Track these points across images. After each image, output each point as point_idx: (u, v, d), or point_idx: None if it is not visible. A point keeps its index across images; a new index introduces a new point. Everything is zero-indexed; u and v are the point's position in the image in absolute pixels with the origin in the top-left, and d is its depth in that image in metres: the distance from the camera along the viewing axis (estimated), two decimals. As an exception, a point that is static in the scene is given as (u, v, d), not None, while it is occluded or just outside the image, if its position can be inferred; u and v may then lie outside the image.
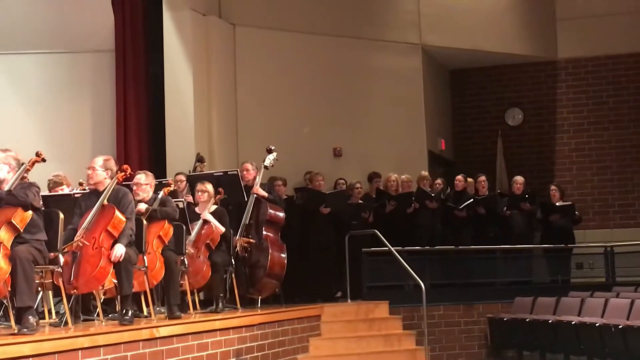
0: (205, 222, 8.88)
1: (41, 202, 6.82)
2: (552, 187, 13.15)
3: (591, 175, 15.42)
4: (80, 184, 8.64)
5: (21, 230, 6.55)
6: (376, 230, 10.84)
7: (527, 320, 11.12)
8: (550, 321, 10.71)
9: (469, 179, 12.71)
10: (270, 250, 9.70)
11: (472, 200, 12.32)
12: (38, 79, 11.74)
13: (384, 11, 14.28)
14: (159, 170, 10.33)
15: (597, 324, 9.94)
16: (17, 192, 6.54)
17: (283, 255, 9.84)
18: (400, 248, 10.68)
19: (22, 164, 6.85)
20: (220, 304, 8.93)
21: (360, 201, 11.89)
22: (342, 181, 12.12)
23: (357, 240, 11.12)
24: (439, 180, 12.74)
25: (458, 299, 11.63)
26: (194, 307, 8.71)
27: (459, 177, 12.80)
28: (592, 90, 15.64)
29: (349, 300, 10.86)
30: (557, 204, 12.83)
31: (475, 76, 16.19)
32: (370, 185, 12.54)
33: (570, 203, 13.12)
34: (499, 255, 12.47)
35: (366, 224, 11.42)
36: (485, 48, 15.17)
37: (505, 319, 11.48)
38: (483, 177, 12.74)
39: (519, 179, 12.91)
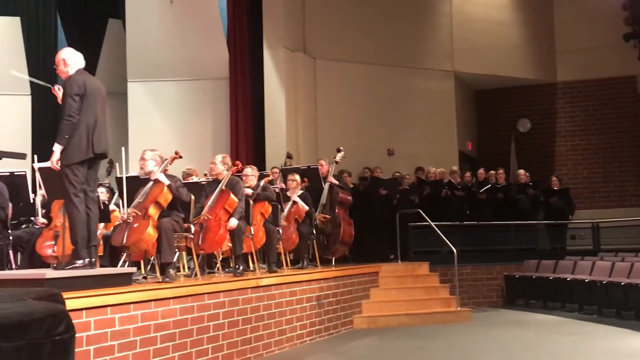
0: (294, 202, 9.00)
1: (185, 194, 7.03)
2: (553, 177, 13.28)
3: (582, 169, 15.38)
4: (205, 175, 8.79)
5: (164, 207, 6.77)
6: (420, 210, 10.91)
7: (533, 277, 11.16)
8: (550, 278, 10.73)
9: (490, 172, 12.76)
10: (341, 224, 9.81)
11: (489, 186, 12.41)
12: (174, 100, 11.90)
13: (425, 46, 14.28)
14: (260, 165, 10.46)
15: (586, 280, 9.97)
16: (182, 191, 6.79)
17: (351, 228, 9.95)
18: (438, 223, 10.67)
19: (165, 159, 7.07)
20: (305, 262, 9.07)
21: (407, 187, 11.99)
22: (398, 173, 12.17)
23: (405, 217, 11.15)
24: (468, 174, 12.75)
25: (481, 261, 11.65)
26: (286, 265, 8.87)
27: (481, 170, 12.96)
28: (583, 105, 15.59)
29: (399, 261, 10.89)
30: (555, 189, 12.88)
31: (494, 94, 16.11)
32: (415, 176, 12.58)
33: (566, 188, 13.24)
34: (511, 229, 12.41)
35: (412, 205, 11.47)
36: (502, 73, 15.10)
37: (516, 276, 11.50)
38: (501, 170, 12.79)
39: (521, 171, 13.06)
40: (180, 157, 7.21)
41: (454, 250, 10.13)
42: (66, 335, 2.27)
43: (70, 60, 5.87)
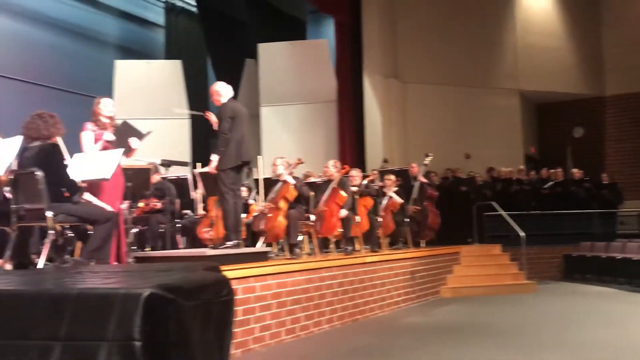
0: (390, 197, 8.96)
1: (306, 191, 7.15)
2: (604, 174, 12.68)
3: (628, 167, 14.47)
4: (320, 176, 8.90)
5: (291, 201, 6.90)
6: (493, 202, 10.68)
7: (588, 256, 10.68)
8: (603, 257, 10.25)
9: (551, 170, 12.31)
10: (429, 214, 9.71)
11: (552, 182, 11.93)
12: (295, 119, 12.07)
13: (494, 69, 13.89)
14: (362, 167, 10.48)
15: (634, 258, 9.41)
16: (304, 189, 6.94)
17: (437, 217, 9.82)
18: (508, 212, 10.41)
19: (291, 165, 7.20)
20: (401, 244, 9.04)
21: (482, 184, 11.72)
22: (473, 173, 11.93)
23: (481, 208, 10.91)
24: (532, 172, 12.40)
25: (544, 243, 11.18)
26: (385, 247, 8.87)
27: (544, 169, 12.44)
28: (629, 115, 14.70)
29: (476, 244, 10.70)
30: (605, 183, 12.31)
31: (553, 107, 15.42)
32: (488, 175, 12.28)
33: (615, 182, 12.61)
34: (569, 216, 11.90)
35: (486, 198, 11.21)
36: (559, 89, 14.48)
37: (574, 255, 11.04)
38: (560, 169, 12.32)
39: (575, 170, 12.56)
40: (302, 162, 7.32)
41: (522, 234, 9.86)
42: (229, 297, 2.37)
43: (222, 91, 6.10)
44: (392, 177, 9.17)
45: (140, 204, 7.09)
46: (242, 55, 12.88)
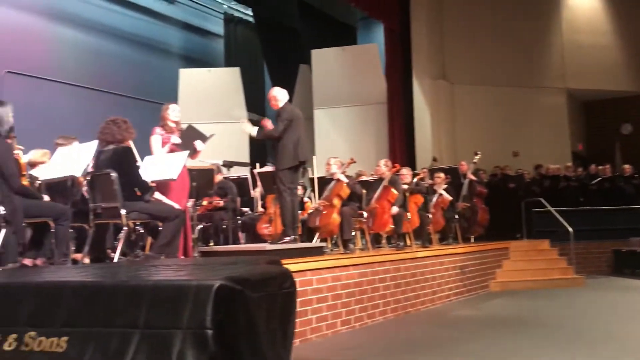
0: (440, 194, 8.84)
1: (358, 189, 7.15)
2: (653, 170, 12.15)
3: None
4: (371, 175, 8.87)
5: (344, 199, 6.89)
6: (541, 198, 10.39)
7: (637, 251, 10.24)
8: (652, 251, 9.84)
9: (599, 167, 11.88)
10: (478, 211, 9.53)
11: (600, 179, 11.52)
12: (347, 120, 12.04)
13: (542, 68, 13.53)
14: (412, 166, 10.38)
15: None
16: (356, 187, 6.94)
17: (486, 213, 9.63)
18: (556, 208, 10.11)
19: (344, 164, 7.20)
20: (451, 240, 8.90)
21: (530, 180, 11.42)
22: (521, 170, 11.65)
23: (529, 204, 10.63)
24: (580, 169, 11.99)
25: (592, 238, 10.78)
26: (436, 242, 8.77)
27: (592, 165, 12.02)
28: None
29: (525, 239, 10.44)
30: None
31: (600, 104, 14.90)
32: (536, 172, 11.96)
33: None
34: (618, 212, 11.45)
35: (534, 194, 10.92)
36: (606, 87, 13.93)
37: (623, 250, 10.60)
38: (608, 165, 11.87)
39: (627, 166, 11.99)
40: (354, 162, 7.31)
41: (570, 230, 9.56)
42: (291, 289, 2.39)
43: (279, 96, 6.17)
44: (442, 174, 9.04)
45: (204, 202, 7.24)
46: (296, 61, 12.97)
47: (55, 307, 1.96)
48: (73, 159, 4.79)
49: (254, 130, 6.10)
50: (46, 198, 4.78)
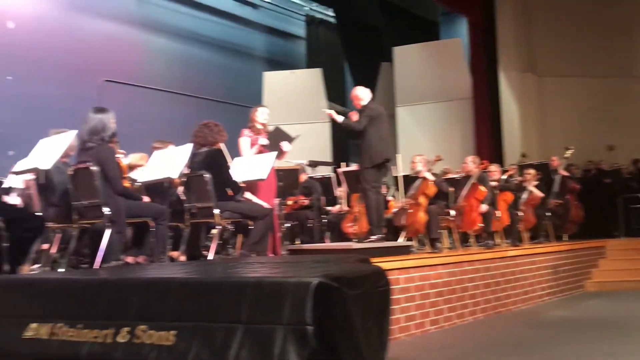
0: (530, 192, 8.55)
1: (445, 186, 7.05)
2: None
3: None
4: (457, 172, 8.70)
5: (431, 197, 6.80)
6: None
7: None
8: None
9: None
10: (571, 207, 9.12)
11: None
12: (430, 116, 11.89)
13: (634, 55, 12.74)
14: (500, 163, 10.09)
15: None
16: (443, 185, 6.86)
17: (579, 210, 9.19)
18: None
19: (429, 162, 7.12)
20: (542, 238, 8.58)
21: (628, 176, 10.80)
22: (617, 165, 11.03)
23: (627, 200, 10.04)
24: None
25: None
26: (527, 241, 8.48)
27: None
28: None
29: (622, 237, 9.88)
30: None
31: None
32: (634, 167, 11.27)
33: None
34: None
35: (632, 190, 10.31)
36: None
37: None
38: None
39: None
40: (441, 159, 7.22)
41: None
42: (386, 287, 2.40)
43: (362, 94, 6.18)
44: (532, 171, 8.73)
45: (289, 202, 7.37)
46: (378, 60, 12.93)
47: (163, 302, 2.07)
48: (169, 162, 5.02)
49: (339, 117, 6.12)
50: (146, 199, 5.04)
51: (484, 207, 7.16)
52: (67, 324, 2.15)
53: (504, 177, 8.10)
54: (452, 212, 7.01)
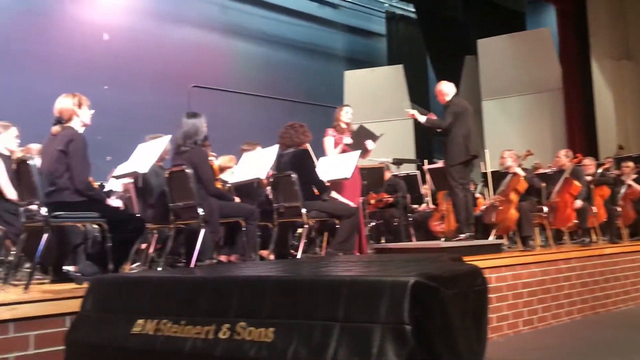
0: (629, 185, 8.08)
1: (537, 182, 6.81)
2: None
3: None
4: (549, 166, 8.36)
5: (522, 193, 6.58)
6: None
7: None
8: None
9: None
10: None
11: None
12: (518, 110, 11.52)
13: None
14: (594, 156, 9.60)
15: None
16: (534, 180, 6.63)
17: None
18: None
19: (519, 157, 6.88)
20: (643, 235, 8.10)
21: None
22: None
23: None
24: None
25: None
26: (626, 237, 8.00)
27: None
28: None
29: None
30: None
31: None
32: None
33: None
34: None
35: None
36: None
37: None
38: None
39: None
40: (532, 154, 6.97)
41: None
42: (483, 287, 2.35)
43: (446, 89, 6.07)
44: (631, 163, 8.24)
45: (372, 201, 7.35)
46: (461, 53, 12.67)
47: (261, 299, 2.13)
48: (257, 163, 5.15)
49: (422, 117, 6.05)
50: (236, 200, 5.20)
51: (578, 203, 6.84)
52: (171, 321, 2.25)
53: (600, 170, 7.70)
54: (545, 209, 6.74)
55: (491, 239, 6.49)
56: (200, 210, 4.36)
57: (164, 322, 2.27)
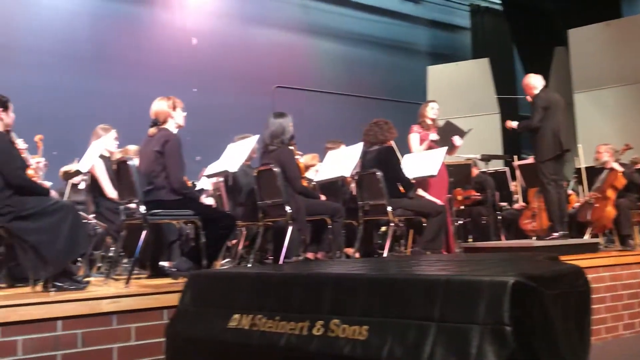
0: None
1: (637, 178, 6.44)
2: None
3: None
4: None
5: (619, 190, 6.25)
6: None
7: None
8: None
9: None
10: None
11: None
12: (614, 102, 10.87)
13: None
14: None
15: None
16: (634, 176, 6.30)
17: None
18: None
19: (616, 151, 6.53)
20: None
21: None
22: None
23: None
24: None
25: None
26: None
27: None
28: None
29: None
30: None
31: None
32: None
33: None
34: None
35: None
36: None
37: None
38: None
39: None
40: (631, 148, 6.58)
41: None
42: (585, 288, 2.25)
43: (534, 82, 5.88)
44: None
45: (458, 197, 7.19)
46: (550, 44, 12.13)
47: (354, 297, 2.13)
48: (342, 161, 5.17)
49: (514, 122, 5.90)
50: (322, 198, 5.25)
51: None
52: (265, 316, 2.31)
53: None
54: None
55: (586, 238, 6.19)
56: (288, 208, 4.43)
57: (259, 317, 2.32)
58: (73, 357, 3.15)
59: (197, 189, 5.84)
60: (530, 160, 6.68)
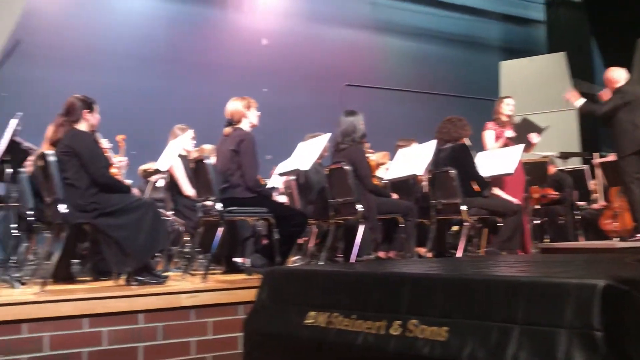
0: None
1: None
2: None
3: None
4: None
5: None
6: None
7: None
8: None
9: None
10: None
11: None
12: None
13: None
14: None
15: None
16: None
17: None
18: None
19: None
20: None
21: None
22: None
23: None
24: None
25: None
26: None
27: None
28: None
29: None
30: None
31: None
32: None
33: None
34: None
35: None
36: None
37: None
38: None
39: None
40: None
41: None
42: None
43: (616, 76, 5.65)
44: None
45: (534, 195, 6.96)
46: (633, 36, 11.52)
47: (432, 297, 2.10)
48: (414, 159, 5.11)
49: (578, 101, 5.62)
50: (394, 196, 5.21)
51: None
52: (342, 314, 2.31)
53: None
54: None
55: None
56: (359, 207, 4.42)
57: (335, 315, 2.32)
58: (154, 348, 3.26)
59: (268, 187, 5.92)
60: (612, 157, 6.39)
